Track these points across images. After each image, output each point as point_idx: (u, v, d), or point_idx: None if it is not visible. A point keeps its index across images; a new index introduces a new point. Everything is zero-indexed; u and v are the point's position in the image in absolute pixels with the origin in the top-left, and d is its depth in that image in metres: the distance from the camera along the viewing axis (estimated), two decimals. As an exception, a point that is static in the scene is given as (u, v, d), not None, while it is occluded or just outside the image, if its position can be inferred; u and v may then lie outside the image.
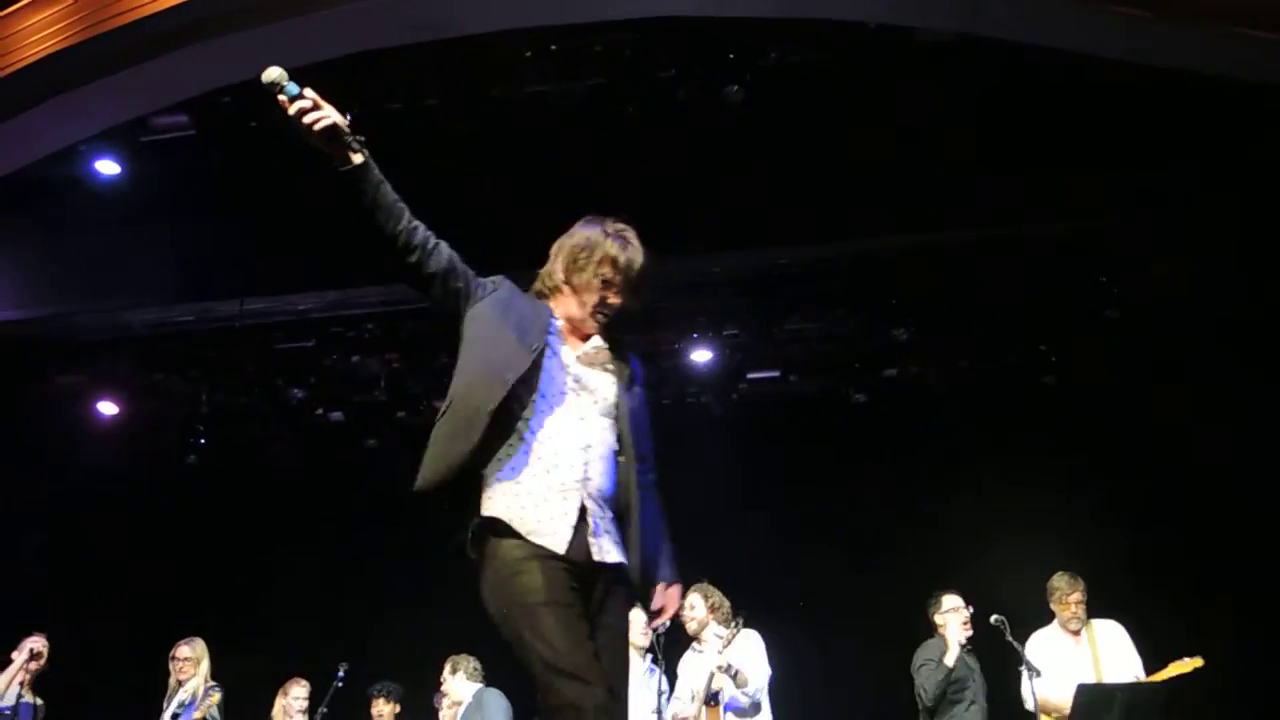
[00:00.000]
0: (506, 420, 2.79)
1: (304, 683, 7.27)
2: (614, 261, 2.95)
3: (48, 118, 6.49)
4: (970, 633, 6.31)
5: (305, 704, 7.19)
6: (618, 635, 2.89)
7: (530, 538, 2.74)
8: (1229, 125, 6.79)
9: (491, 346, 2.86)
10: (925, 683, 6.28)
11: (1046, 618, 6.37)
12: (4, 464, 9.10)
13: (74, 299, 8.27)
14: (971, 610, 6.41)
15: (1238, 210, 7.05)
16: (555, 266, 3.05)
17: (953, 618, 6.39)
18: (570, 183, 7.41)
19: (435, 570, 9.19)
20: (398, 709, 7.81)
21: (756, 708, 6.05)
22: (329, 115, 2.73)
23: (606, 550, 2.85)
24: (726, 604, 6.33)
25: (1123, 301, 7.92)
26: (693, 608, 6.31)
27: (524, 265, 3.09)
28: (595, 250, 2.97)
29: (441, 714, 7.63)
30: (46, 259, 8.19)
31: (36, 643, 6.84)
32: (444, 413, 2.84)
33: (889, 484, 8.37)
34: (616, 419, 2.96)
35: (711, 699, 6.01)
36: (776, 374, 9.00)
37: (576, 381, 2.93)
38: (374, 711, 7.74)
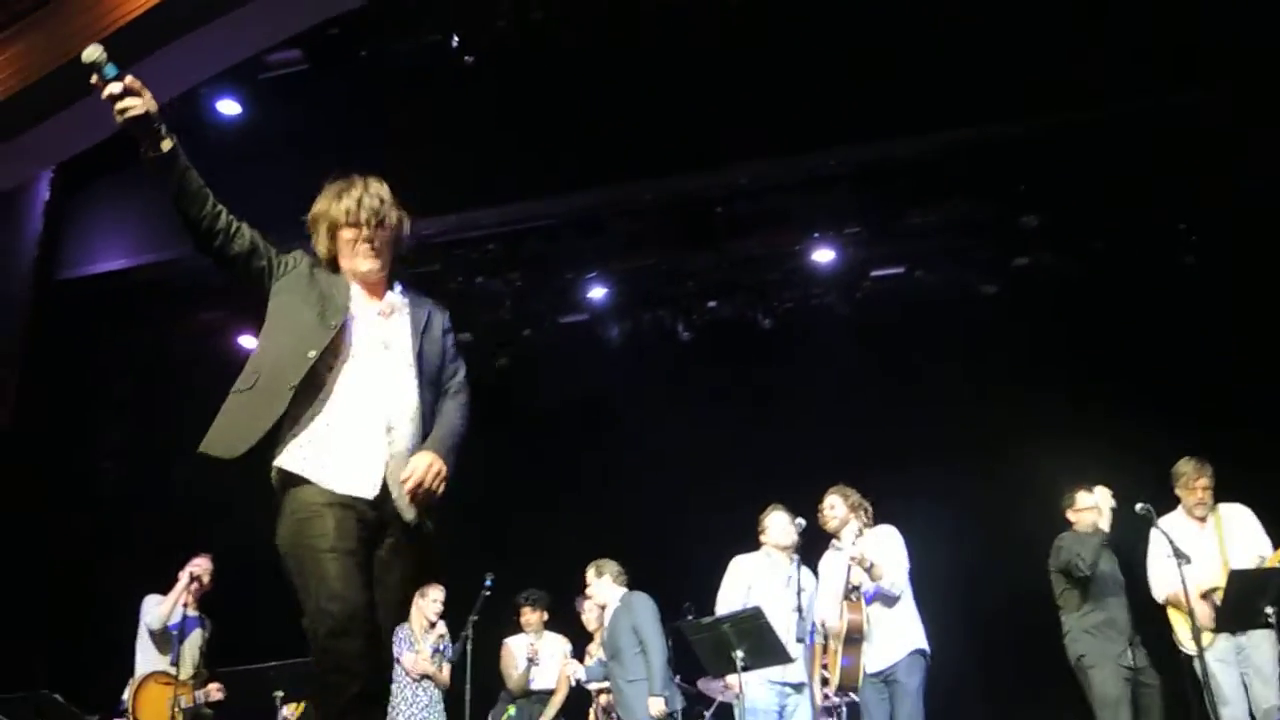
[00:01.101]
0: (311, 390, 2.91)
1: (439, 586, 7.33)
2: (347, 212, 3.09)
3: (164, 63, 6.65)
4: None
5: (441, 607, 7.28)
6: (394, 589, 2.96)
7: (334, 487, 2.85)
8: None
9: (294, 322, 3.00)
10: (1082, 550, 6.12)
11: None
12: (157, 400, 9.53)
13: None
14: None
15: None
16: (315, 240, 3.18)
17: (1098, 511, 6.23)
18: (685, 87, 7.30)
19: (565, 477, 9.39)
20: (545, 616, 7.99)
21: (897, 600, 6.04)
22: (142, 103, 2.78)
23: (403, 506, 2.94)
24: (867, 504, 6.32)
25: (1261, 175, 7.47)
26: (833, 508, 6.32)
27: (639, 175, 3.05)
28: (330, 209, 3.12)
29: (585, 617, 7.76)
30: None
31: (198, 565, 7.11)
32: (247, 386, 2.95)
33: (1023, 376, 8.15)
34: (420, 367, 3.07)
35: (852, 591, 6.04)
36: (901, 270, 8.76)
37: (381, 339, 3.06)
38: (522, 620, 7.94)
